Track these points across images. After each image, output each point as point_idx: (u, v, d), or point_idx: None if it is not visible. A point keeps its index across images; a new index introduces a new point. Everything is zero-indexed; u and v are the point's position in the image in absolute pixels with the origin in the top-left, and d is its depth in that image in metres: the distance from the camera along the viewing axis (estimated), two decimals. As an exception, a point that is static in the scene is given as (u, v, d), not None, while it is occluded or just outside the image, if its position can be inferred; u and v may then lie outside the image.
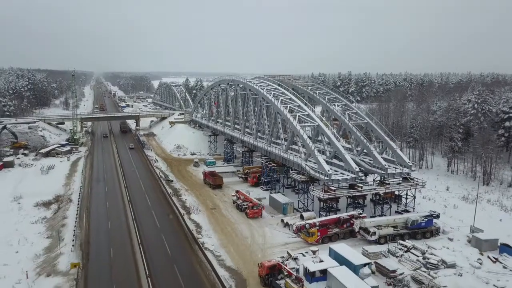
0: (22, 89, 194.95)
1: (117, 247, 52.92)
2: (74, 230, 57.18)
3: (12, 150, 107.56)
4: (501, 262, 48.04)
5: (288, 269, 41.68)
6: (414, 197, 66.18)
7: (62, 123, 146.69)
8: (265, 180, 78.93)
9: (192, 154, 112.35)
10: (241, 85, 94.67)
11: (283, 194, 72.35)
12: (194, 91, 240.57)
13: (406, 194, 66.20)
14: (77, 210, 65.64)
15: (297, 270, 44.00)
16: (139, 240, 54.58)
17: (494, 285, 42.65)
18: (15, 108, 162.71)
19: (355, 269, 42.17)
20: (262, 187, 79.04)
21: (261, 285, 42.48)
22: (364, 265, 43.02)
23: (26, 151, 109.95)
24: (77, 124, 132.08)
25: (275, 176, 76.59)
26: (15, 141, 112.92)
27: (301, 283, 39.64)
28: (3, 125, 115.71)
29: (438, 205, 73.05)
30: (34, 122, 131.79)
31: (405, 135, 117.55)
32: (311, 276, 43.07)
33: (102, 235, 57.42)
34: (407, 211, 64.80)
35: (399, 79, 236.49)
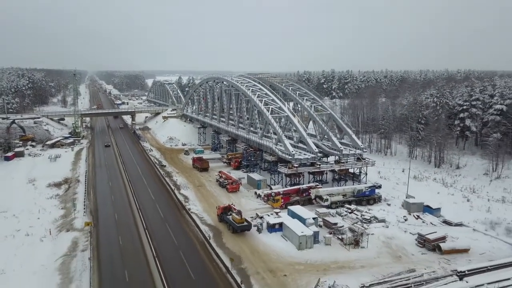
0: (23, 88, 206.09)
1: (120, 213, 65.87)
2: (84, 202, 70.09)
3: (21, 142, 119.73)
4: (421, 219, 61.60)
5: (234, 207, 58.70)
6: (366, 174, 79.65)
7: (63, 119, 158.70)
8: (245, 163, 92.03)
9: (184, 144, 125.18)
10: (225, 83, 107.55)
11: (259, 174, 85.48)
12: (186, 89, 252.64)
13: (360, 171, 79.63)
14: (85, 188, 78.48)
15: (261, 224, 57.29)
16: (138, 207, 67.51)
17: (410, 233, 56.08)
18: (18, 106, 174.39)
19: (304, 221, 55.44)
20: (242, 170, 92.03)
21: (218, 221, 59.90)
22: (313, 218, 56.30)
23: (33, 143, 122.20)
24: (78, 119, 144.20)
25: (252, 159, 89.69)
26: (23, 134, 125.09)
27: (240, 215, 55.85)
28: (11, 120, 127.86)
29: (391, 183, 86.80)
30: (39, 118, 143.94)
31: (376, 126, 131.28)
32: (271, 227, 56.32)
33: (107, 205, 70.30)
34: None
35: (380, 76, 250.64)
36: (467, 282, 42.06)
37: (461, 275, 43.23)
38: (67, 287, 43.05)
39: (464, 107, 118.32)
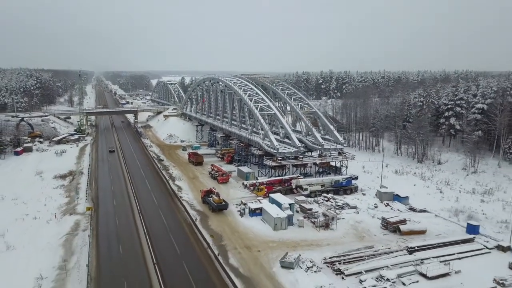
0: (32, 88, 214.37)
1: (119, 200, 72.75)
2: (87, 190, 77.07)
3: (29, 138, 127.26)
4: (390, 206, 67.70)
5: (214, 190, 67.30)
6: (346, 167, 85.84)
7: (69, 117, 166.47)
8: (237, 158, 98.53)
9: (182, 141, 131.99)
10: (220, 83, 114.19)
11: (249, 167, 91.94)
12: (189, 89, 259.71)
13: (341, 165, 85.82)
14: (88, 179, 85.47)
15: (244, 209, 63.82)
16: (135, 195, 74.31)
17: (377, 218, 62.17)
18: (26, 105, 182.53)
19: (280, 206, 61.80)
20: (235, 164, 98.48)
21: (202, 203, 68.88)
22: (289, 204, 62.64)
23: (41, 139, 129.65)
24: (83, 117, 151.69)
25: (243, 154, 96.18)
26: (32, 131, 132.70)
27: (218, 197, 65.09)
28: (20, 118, 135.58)
29: (373, 176, 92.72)
30: (46, 116, 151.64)
31: (367, 125, 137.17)
32: (252, 212, 62.83)
33: (107, 193, 77.20)
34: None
35: (378, 76, 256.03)
36: (414, 255, 48.20)
37: (411, 250, 49.43)
38: (69, 258, 49.77)
39: (449, 106, 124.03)
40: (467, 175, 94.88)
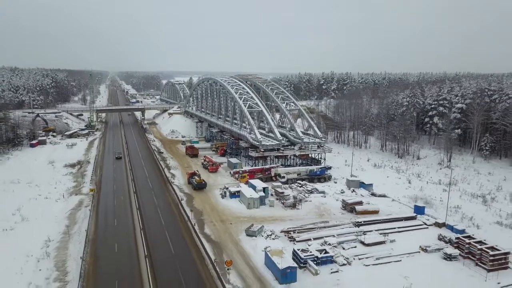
0: (47, 86, 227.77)
1: (118, 184, 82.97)
2: (92, 176, 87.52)
3: (44, 132, 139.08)
4: (355, 192, 76.38)
5: (197, 173, 78.83)
6: (325, 159, 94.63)
7: (81, 114, 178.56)
8: (229, 151, 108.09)
9: (183, 136, 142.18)
10: (217, 83, 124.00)
11: (238, 159, 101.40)
12: (191, 88, 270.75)
13: (320, 157, 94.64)
14: (93, 167, 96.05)
15: (225, 192, 73.29)
16: (133, 180, 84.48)
17: (340, 201, 70.91)
18: (42, 102, 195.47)
19: (255, 189, 71.09)
20: (227, 156, 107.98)
21: (187, 183, 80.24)
22: (263, 188, 71.81)
23: (54, 134, 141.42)
24: (93, 114, 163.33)
25: (234, 147, 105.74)
26: (46, 126, 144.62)
27: (199, 177, 78.19)
28: (36, 114, 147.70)
29: (353, 169, 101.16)
30: (59, 112, 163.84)
31: (359, 123, 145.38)
32: (232, 194, 72.20)
33: (109, 178, 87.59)
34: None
35: (379, 78, 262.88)
36: (360, 228, 56.96)
37: (358, 224, 58.22)
38: (72, 226, 59.94)
39: (433, 106, 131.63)
40: (440, 169, 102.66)
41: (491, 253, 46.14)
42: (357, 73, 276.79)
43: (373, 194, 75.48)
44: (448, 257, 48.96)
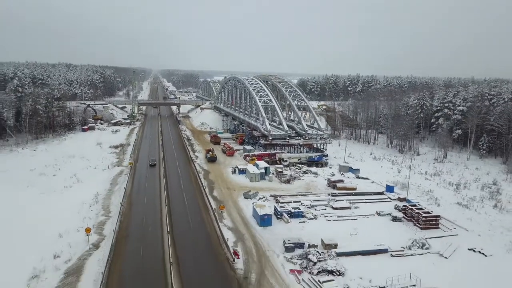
0: (97, 81, 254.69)
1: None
2: (131, 154, 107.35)
3: (93, 120, 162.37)
4: (343, 175, 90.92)
5: (213, 149, 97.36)
6: (326, 149, 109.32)
7: (125, 107, 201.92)
8: (246, 140, 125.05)
9: (211, 128, 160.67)
10: (240, 81, 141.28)
11: (252, 146, 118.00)
12: (220, 86, 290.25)
13: (322, 147, 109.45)
14: (132, 148, 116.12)
15: (235, 170, 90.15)
16: (164, 159, 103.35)
17: (328, 180, 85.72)
18: (91, 95, 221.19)
19: (258, 167, 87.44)
20: (245, 145, 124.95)
21: (205, 158, 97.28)
22: (264, 167, 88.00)
23: (101, 122, 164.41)
24: (135, 106, 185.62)
25: (250, 137, 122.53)
26: (95, 115, 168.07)
27: (213, 153, 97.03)
28: (87, 104, 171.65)
29: (354, 160, 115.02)
30: (106, 104, 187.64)
31: (374, 123, 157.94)
32: (240, 171, 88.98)
33: (144, 156, 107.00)
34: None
35: (405, 81, 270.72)
36: (333, 197, 71.96)
37: (333, 195, 73.26)
38: (114, 187, 79.04)
39: (439, 108, 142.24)
40: (433, 163, 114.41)
41: (424, 215, 60.05)
42: (383, 76, 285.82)
43: (358, 177, 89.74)
44: (394, 219, 63.23)
